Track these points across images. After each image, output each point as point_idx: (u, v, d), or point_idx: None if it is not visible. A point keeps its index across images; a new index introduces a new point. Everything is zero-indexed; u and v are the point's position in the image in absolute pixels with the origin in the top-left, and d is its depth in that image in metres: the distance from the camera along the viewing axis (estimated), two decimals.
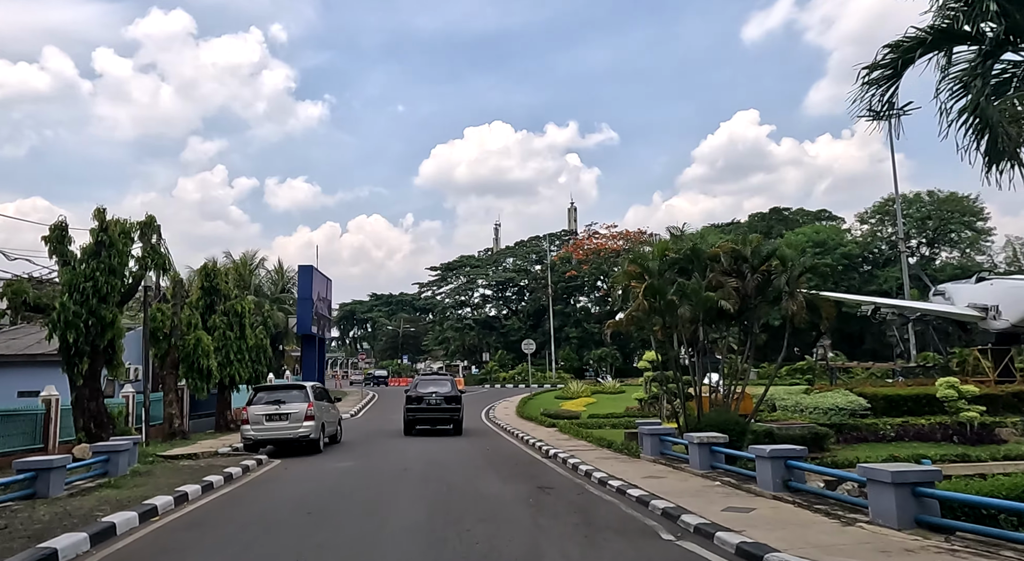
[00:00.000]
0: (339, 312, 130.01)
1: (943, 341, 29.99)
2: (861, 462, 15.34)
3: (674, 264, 14.76)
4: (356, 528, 8.58)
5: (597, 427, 22.86)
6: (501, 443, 20.01)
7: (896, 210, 47.88)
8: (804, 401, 21.87)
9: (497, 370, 69.04)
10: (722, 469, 11.87)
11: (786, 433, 16.30)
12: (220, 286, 24.18)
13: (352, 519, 9.21)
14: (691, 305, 13.71)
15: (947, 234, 62.29)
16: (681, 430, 15.10)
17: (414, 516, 9.13)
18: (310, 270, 45.47)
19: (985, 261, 62.76)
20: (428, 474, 13.43)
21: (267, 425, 17.15)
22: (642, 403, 27.26)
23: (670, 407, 22.38)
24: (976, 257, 62.91)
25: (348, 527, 8.65)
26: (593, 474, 12.58)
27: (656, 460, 13.97)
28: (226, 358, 23.40)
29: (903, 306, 25.93)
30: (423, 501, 10.31)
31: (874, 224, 64.71)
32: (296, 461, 16.29)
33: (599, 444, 17.64)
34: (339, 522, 8.94)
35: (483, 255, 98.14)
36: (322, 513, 9.49)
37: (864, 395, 21.10)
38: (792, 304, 13.95)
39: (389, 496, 10.98)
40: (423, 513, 9.32)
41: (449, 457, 16.32)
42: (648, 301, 14.04)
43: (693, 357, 15.66)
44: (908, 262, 49.44)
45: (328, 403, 20.31)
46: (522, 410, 30.65)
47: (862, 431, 17.90)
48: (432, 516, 9.10)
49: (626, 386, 42.64)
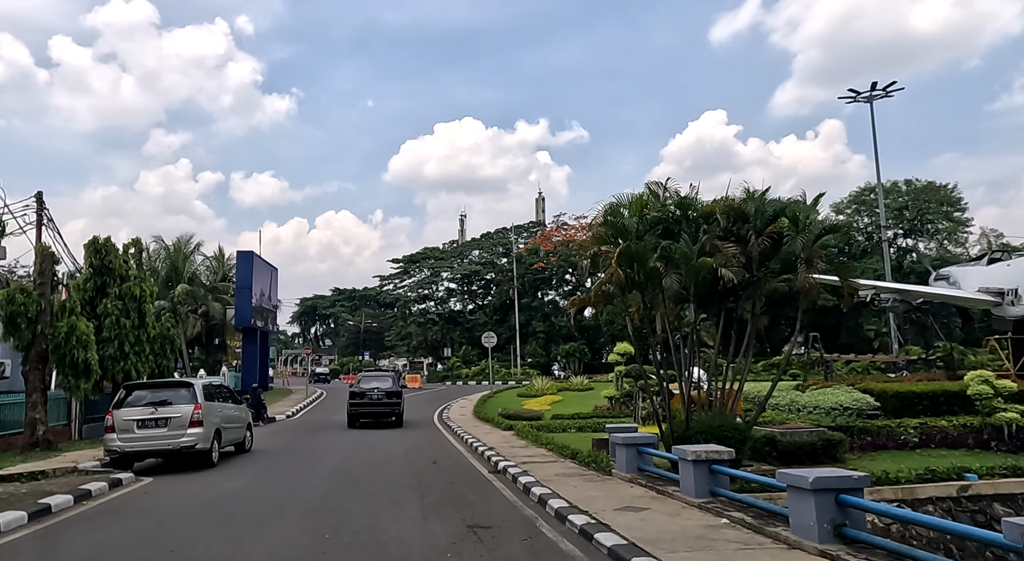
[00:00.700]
0: (300, 307, 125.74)
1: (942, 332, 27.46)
2: (892, 477, 12.26)
3: (656, 224, 11.39)
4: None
5: (561, 430, 19.54)
6: (445, 452, 16.55)
7: (878, 195, 45.45)
8: (800, 399, 18.76)
9: (460, 366, 65.57)
10: (726, 497, 8.56)
11: (791, 440, 13.11)
12: (114, 264, 20.23)
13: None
14: (679, 275, 10.38)
15: (924, 225, 60.30)
16: (665, 438, 11.79)
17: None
18: (250, 257, 41.43)
19: (962, 253, 60.96)
20: (327, 502, 9.93)
21: (138, 434, 13.43)
22: (613, 402, 24.03)
23: (646, 406, 19.12)
24: (953, 249, 61.07)
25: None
26: (549, 502, 9.19)
27: (633, 479, 10.62)
28: (119, 350, 19.49)
29: (907, 291, 23.04)
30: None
31: (850, 214, 62.47)
32: (174, 480, 12.66)
33: (561, 454, 14.29)
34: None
35: (448, 247, 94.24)
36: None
37: (870, 392, 18.06)
38: (809, 275, 10.71)
39: (241, 551, 7.45)
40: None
41: (372, 474, 12.81)
42: (623, 270, 10.66)
43: (679, 346, 12.35)
44: (889, 251, 47.13)
45: (233, 404, 16.64)
46: (480, 410, 27.20)
47: (878, 436, 14.80)
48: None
49: (595, 383, 39.50)
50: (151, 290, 21.44)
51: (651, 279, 10.71)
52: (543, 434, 17.71)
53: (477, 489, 10.97)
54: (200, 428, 13.70)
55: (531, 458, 14.14)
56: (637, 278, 11.00)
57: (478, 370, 60.71)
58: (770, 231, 11.31)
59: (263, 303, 43.37)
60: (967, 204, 59.34)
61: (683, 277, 10.39)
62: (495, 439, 18.08)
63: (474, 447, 16.71)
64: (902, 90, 44.71)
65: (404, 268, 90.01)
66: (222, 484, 12.00)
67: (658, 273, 10.51)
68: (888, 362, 25.32)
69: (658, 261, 10.50)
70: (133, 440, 13.35)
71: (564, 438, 17.16)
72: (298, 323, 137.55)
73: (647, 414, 18.00)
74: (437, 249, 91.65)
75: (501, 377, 57.46)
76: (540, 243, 76.30)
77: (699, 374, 13.40)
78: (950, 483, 11.61)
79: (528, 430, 18.39)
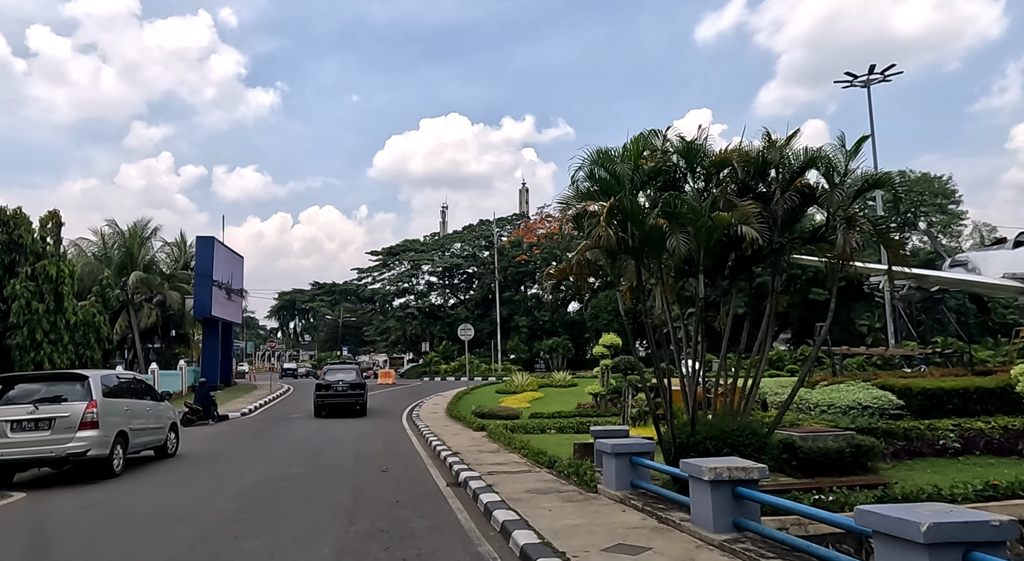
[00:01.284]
0: (278, 301, 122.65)
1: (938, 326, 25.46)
2: (946, 494, 9.97)
3: (655, 176, 8.97)
4: None
5: (539, 431, 17.17)
6: (402, 457, 14.11)
7: None
8: (811, 397, 16.50)
9: (439, 362, 63.07)
10: (757, 533, 6.17)
11: (813, 446, 10.79)
12: (24, 240, 17.56)
13: None
14: (687, 234, 7.97)
15: (918, 218, 58.54)
16: (664, 444, 9.43)
17: None
18: (211, 243, 38.70)
19: (956, 247, 59.30)
20: (218, 532, 7.47)
21: (12, 438, 10.84)
22: (598, 399, 21.67)
23: (637, 404, 16.75)
24: (947, 242, 59.37)
25: None
26: (515, 534, 6.79)
27: (625, 499, 8.23)
28: (30, 339, 16.89)
29: (926, 276, 20.83)
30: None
31: None
32: (51, 496, 10.18)
33: (537, 461, 11.89)
34: None
35: (429, 239, 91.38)
36: None
37: (890, 388, 15.83)
38: (850, 238, 8.37)
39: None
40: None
41: (300, 489, 10.36)
42: (614, 231, 8.24)
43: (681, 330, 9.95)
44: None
45: (152, 401, 14.09)
46: (454, 408, 24.77)
47: (911, 440, 12.53)
48: None
49: (578, 379, 37.23)
50: (71, 270, 18.80)
51: (649, 241, 8.31)
52: (518, 436, 15.31)
53: (425, 511, 8.54)
54: (94, 431, 11.16)
55: (501, 466, 11.75)
56: (631, 242, 8.59)
57: (457, 365, 58.25)
58: (798, 186, 8.96)
59: (226, 293, 40.62)
60: (961, 196, 57.62)
61: (692, 237, 8.00)
62: (463, 441, 15.68)
63: (437, 451, 14.29)
64: (900, 74, 42.77)
65: (383, 261, 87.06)
66: (106, 503, 9.49)
67: (659, 233, 8.11)
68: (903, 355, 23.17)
69: (660, 218, 8.09)
70: (5, 446, 10.77)
71: (542, 441, 14.80)
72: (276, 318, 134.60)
73: (638, 413, 15.64)
74: (418, 241, 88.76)
75: (481, 373, 55.16)
76: (523, 235, 73.70)
77: (693, 368, 11.02)
78: (1017, 502, 9.34)
79: (501, 431, 15.97)
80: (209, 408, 22.64)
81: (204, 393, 22.82)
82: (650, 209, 8.34)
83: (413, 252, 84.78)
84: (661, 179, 9.00)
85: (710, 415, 9.73)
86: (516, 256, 70.62)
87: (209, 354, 39.13)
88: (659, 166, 9.03)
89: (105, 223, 39.64)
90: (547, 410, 21.62)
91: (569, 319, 70.67)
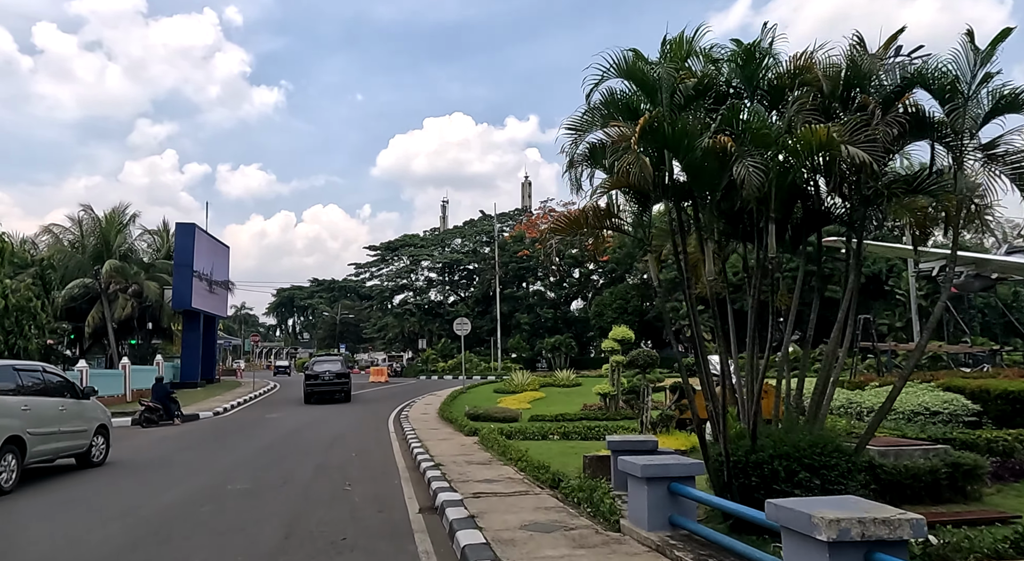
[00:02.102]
0: (276, 298, 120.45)
1: None
2: None
3: (704, 93, 6.43)
4: None
5: (540, 437, 14.67)
6: (373, 469, 11.60)
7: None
8: (860, 399, 14.00)
9: (437, 359, 60.62)
10: None
11: (899, 464, 8.25)
12: None
13: None
14: (762, 158, 5.42)
15: None
16: (711, 465, 6.91)
17: None
18: (191, 230, 36.24)
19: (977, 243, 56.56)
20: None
21: None
22: (606, 399, 19.15)
23: (658, 405, 14.24)
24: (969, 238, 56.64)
25: None
26: None
27: (665, 548, 5.69)
28: None
29: (988, 260, 18.19)
30: None
31: None
32: None
33: (536, 479, 9.37)
34: None
35: (429, 234, 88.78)
36: None
37: (958, 390, 13.30)
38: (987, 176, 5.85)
39: None
40: None
41: (217, 517, 7.86)
42: (649, 160, 5.71)
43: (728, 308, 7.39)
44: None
45: (72, 398, 11.59)
46: (447, 408, 22.30)
47: (1008, 456, 10.01)
48: None
49: (583, 378, 34.73)
50: (3, 247, 16.32)
51: (700, 175, 5.78)
52: (515, 443, 12.78)
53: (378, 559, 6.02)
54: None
55: (491, 484, 9.24)
56: (669, 179, 6.06)
57: (455, 363, 55.74)
58: (902, 108, 6.43)
59: (208, 284, 38.18)
60: (985, 190, 54.76)
61: (770, 164, 5.46)
62: (450, 448, 13.17)
63: (418, 461, 11.79)
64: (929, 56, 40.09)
65: (381, 256, 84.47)
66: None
67: (715, 163, 5.58)
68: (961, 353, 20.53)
69: (719, 136, 5.54)
70: None
71: (543, 449, 12.34)
72: (275, 315, 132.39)
73: (659, 418, 13.08)
74: (417, 236, 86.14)
75: (481, 372, 52.70)
76: (525, 230, 70.98)
77: (719, 365, 8.47)
78: None
79: (494, 438, 13.42)
80: (170, 407, 20.20)
81: (162, 390, 20.37)
82: (703, 126, 5.79)
83: (412, 247, 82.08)
84: (710, 96, 6.45)
85: (773, 428, 7.21)
86: (518, 251, 67.97)
87: (190, 348, 36.75)
88: (708, 80, 6.49)
89: (81, 208, 37.11)
90: (549, 412, 19.13)
91: (572, 316, 68.17)
